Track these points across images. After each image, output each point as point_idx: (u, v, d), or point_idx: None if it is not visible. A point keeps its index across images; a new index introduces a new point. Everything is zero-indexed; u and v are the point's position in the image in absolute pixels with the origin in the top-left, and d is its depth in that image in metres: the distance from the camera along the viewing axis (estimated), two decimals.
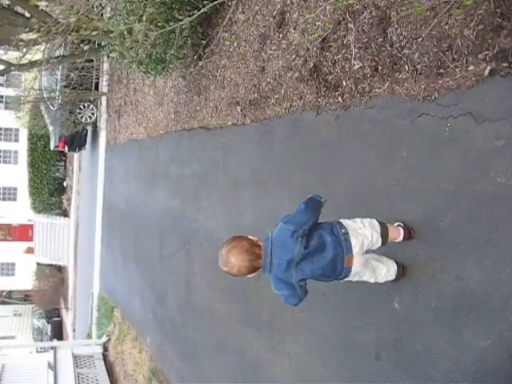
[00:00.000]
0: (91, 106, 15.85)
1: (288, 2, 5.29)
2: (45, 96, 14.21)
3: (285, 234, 2.93)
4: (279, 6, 5.45)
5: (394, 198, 3.75)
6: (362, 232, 3.11)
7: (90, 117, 16.03)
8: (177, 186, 8.43)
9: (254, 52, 5.95)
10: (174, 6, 6.82)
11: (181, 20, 6.80)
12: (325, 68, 4.64)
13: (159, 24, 6.92)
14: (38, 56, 11.92)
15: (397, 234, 3.43)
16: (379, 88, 4.00)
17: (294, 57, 5.13)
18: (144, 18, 6.71)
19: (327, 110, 4.60)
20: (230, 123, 6.55)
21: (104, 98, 14.15)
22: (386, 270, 3.39)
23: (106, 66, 13.62)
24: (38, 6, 9.39)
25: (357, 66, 4.24)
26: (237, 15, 6.45)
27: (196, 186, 7.56)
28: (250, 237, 3.01)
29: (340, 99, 4.43)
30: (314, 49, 4.80)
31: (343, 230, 3.04)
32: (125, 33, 7.07)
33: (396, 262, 3.50)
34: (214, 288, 6.85)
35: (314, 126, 4.75)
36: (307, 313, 4.69)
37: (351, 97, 4.30)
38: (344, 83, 4.39)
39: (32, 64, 11.73)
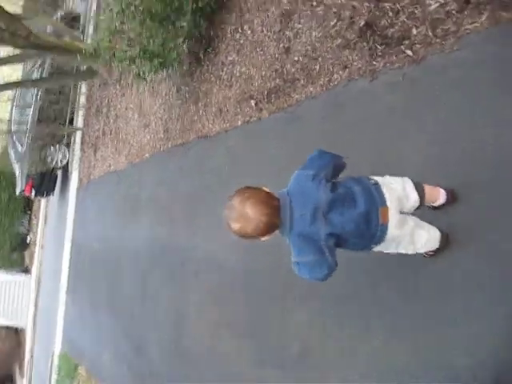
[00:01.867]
0: (63, 147, 14.68)
1: None
2: (13, 129, 13.03)
3: (303, 180, 2.40)
4: None
5: None
6: (394, 187, 2.57)
7: (61, 160, 14.80)
8: (165, 211, 7.25)
9: (275, 34, 5.04)
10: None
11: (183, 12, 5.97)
12: (383, 22, 3.70)
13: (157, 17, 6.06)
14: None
15: (437, 194, 2.89)
16: (472, 23, 3.06)
17: (334, 22, 4.21)
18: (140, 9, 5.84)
19: (387, 71, 3.63)
20: (239, 123, 5.53)
21: (79, 134, 13.03)
22: (427, 237, 2.73)
23: (82, 98, 12.62)
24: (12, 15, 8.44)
25: (434, 6, 3.31)
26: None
27: (192, 205, 6.42)
28: (264, 188, 2.37)
29: (409, 52, 3.46)
30: (365, 4, 3.88)
31: (372, 181, 2.52)
32: (117, 24, 6.09)
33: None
34: (217, 324, 5.56)
35: (368, 95, 3.76)
36: (362, 336, 3.51)
37: (426, 45, 3.35)
38: (414, 32, 3.44)
39: (3, 86, 10.70)
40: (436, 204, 2.95)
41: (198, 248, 6.10)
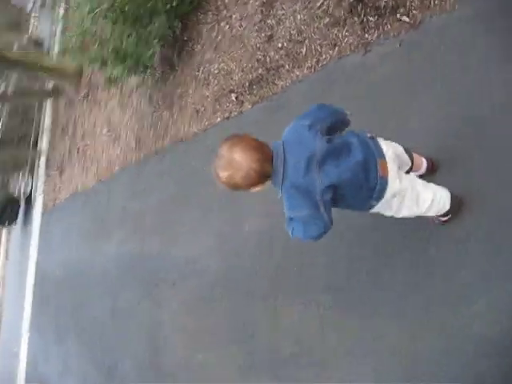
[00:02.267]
0: (26, 174, 14.18)
1: None
2: None
3: (299, 129, 2.25)
4: None
5: None
6: (390, 142, 2.46)
7: (24, 188, 14.27)
8: (138, 223, 6.88)
9: (256, 25, 4.87)
10: None
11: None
12: None
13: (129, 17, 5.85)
14: None
15: (420, 162, 2.80)
16: None
17: (321, 1, 4.06)
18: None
19: (381, 42, 3.48)
20: (218, 120, 5.30)
21: (43, 158, 12.58)
22: (432, 197, 2.52)
23: (47, 120, 12.24)
24: None
25: None
26: None
27: (167, 213, 6.09)
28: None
29: (405, 18, 3.32)
30: None
31: (369, 135, 2.37)
32: (88, 25, 5.84)
33: None
34: (195, 335, 5.19)
35: (362, 68, 3.59)
36: (365, 327, 3.23)
37: (424, 9, 3.21)
38: None
39: None
40: (418, 173, 2.83)
41: (175, 256, 5.76)
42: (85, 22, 5.68)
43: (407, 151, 2.60)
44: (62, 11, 11.69)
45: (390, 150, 2.38)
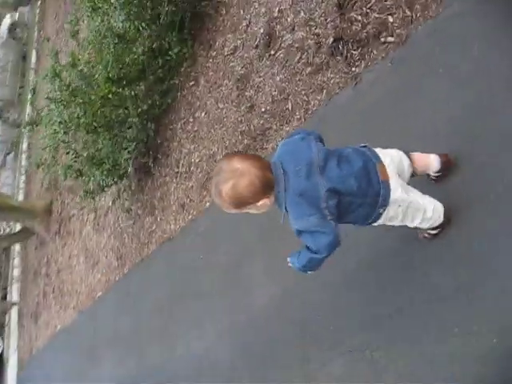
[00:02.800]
0: None
1: (276, 15, 4.48)
2: None
3: (292, 143, 2.31)
4: (262, 30, 4.62)
5: None
6: (385, 150, 2.42)
7: None
8: (131, 340, 6.36)
9: (233, 102, 4.91)
10: (114, 104, 5.79)
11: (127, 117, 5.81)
12: (353, 28, 3.64)
13: (101, 127, 5.85)
14: None
15: (427, 159, 2.62)
16: None
17: (298, 56, 4.13)
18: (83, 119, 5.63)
19: (370, 69, 3.49)
20: (207, 205, 5.13)
21: (15, 309, 11.92)
22: (432, 207, 2.47)
23: (16, 271, 11.77)
24: None
25: None
26: (201, 85, 5.54)
27: (164, 317, 5.65)
28: None
29: (390, 39, 3.36)
30: (330, 24, 3.86)
31: (361, 144, 2.42)
32: (59, 136, 5.79)
33: None
34: None
35: (355, 98, 3.55)
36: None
37: (408, 24, 3.26)
38: (390, 20, 3.38)
39: None
40: (434, 170, 2.69)
41: (180, 359, 5.25)
42: (58, 133, 5.61)
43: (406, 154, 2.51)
44: (24, 161, 11.80)
45: (387, 155, 2.37)
